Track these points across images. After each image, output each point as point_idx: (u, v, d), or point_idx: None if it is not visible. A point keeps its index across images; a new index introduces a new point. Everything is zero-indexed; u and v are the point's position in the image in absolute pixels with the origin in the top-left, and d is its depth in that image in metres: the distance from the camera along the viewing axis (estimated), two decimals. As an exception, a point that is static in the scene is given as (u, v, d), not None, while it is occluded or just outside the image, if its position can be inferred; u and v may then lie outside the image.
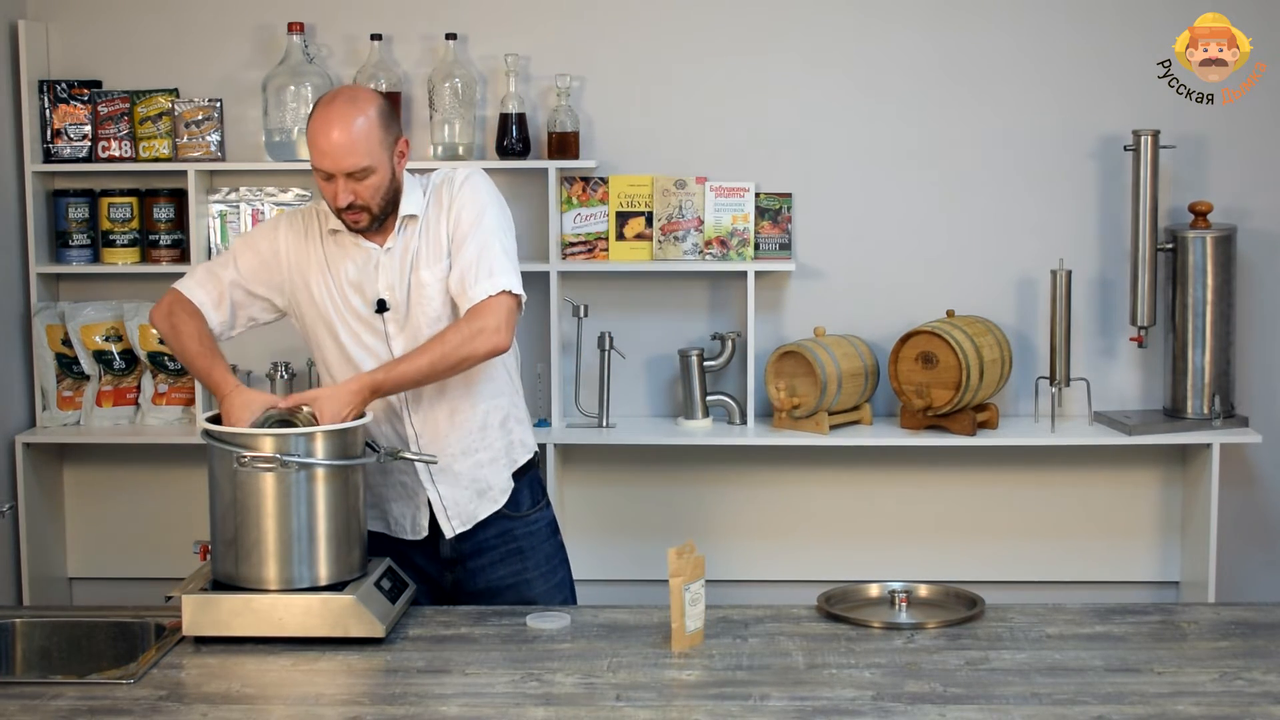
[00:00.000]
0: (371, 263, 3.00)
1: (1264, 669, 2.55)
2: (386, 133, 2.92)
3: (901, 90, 4.34)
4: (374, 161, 2.89)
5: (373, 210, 2.93)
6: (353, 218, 2.94)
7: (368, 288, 3.00)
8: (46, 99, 4.29)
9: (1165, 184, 4.26)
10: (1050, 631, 2.75)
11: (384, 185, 2.93)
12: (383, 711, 2.40)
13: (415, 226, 3.01)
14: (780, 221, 4.32)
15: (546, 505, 3.21)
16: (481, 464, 3.07)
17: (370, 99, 2.94)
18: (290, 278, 3.06)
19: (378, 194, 2.92)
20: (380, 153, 2.90)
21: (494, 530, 3.10)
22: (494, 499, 3.09)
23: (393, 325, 3.00)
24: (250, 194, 4.35)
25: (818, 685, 2.49)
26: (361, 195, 2.90)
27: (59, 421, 4.35)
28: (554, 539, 3.20)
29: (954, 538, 4.42)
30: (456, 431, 3.04)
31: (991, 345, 4.19)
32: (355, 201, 2.90)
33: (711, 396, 4.32)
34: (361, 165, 2.87)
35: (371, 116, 2.89)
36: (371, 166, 2.88)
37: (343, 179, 2.88)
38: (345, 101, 2.90)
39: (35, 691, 2.49)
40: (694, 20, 4.34)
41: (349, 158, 2.86)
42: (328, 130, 2.87)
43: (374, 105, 2.92)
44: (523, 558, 3.12)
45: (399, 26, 4.34)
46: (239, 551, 2.73)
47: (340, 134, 2.86)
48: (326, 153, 2.87)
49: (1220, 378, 4.21)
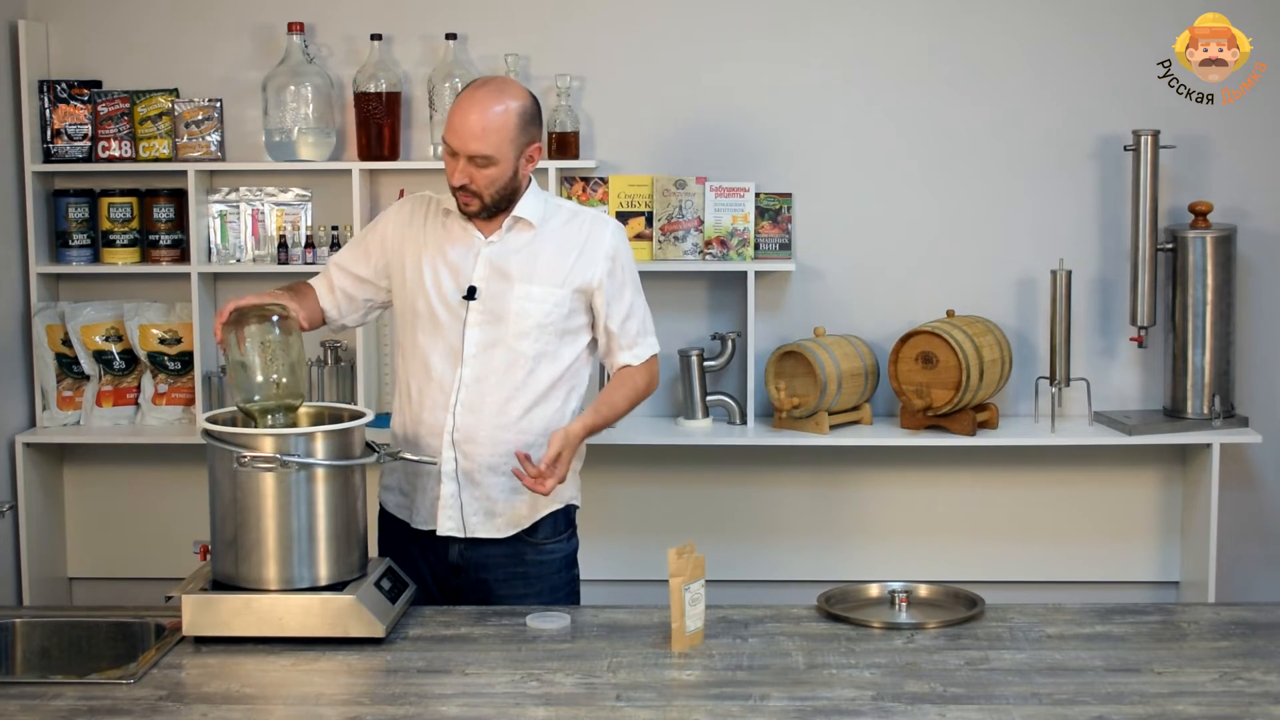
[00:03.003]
0: (473, 251, 3.04)
1: (1264, 669, 2.55)
2: (521, 132, 2.97)
3: (902, 90, 4.34)
4: (498, 154, 2.94)
5: (484, 199, 2.98)
6: (464, 199, 2.99)
7: (463, 273, 3.03)
8: (46, 99, 4.29)
9: (1165, 184, 4.26)
10: (1050, 631, 2.75)
11: (502, 180, 2.97)
12: (383, 711, 2.40)
13: (529, 234, 3.04)
14: (780, 221, 4.32)
15: (570, 538, 3.16)
16: (503, 489, 3.04)
17: (518, 94, 2.99)
18: (390, 260, 3.12)
19: (493, 185, 2.97)
20: (507, 149, 2.95)
21: (504, 549, 3.08)
22: (499, 527, 3.06)
23: (474, 315, 3.02)
24: (250, 194, 4.35)
25: (818, 685, 2.49)
26: (477, 181, 2.95)
27: (59, 421, 4.35)
28: (567, 572, 3.16)
29: (954, 538, 4.42)
30: (492, 446, 3.02)
31: (991, 345, 4.19)
32: (469, 185, 2.96)
33: (711, 396, 4.32)
34: (485, 153, 2.93)
35: (511, 110, 2.95)
36: (494, 158, 2.94)
37: (464, 160, 2.94)
38: (493, 89, 2.97)
39: (35, 691, 2.49)
40: (694, 20, 4.34)
41: (475, 142, 2.92)
42: (466, 110, 2.94)
43: (519, 101, 2.97)
44: (527, 583, 3.10)
45: (399, 26, 4.34)
46: (239, 551, 2.73)
47: (476, 117, 2.92)
48: (457, 130, 2.94)
49: (1220, 378, 4.21)
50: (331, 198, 4.35)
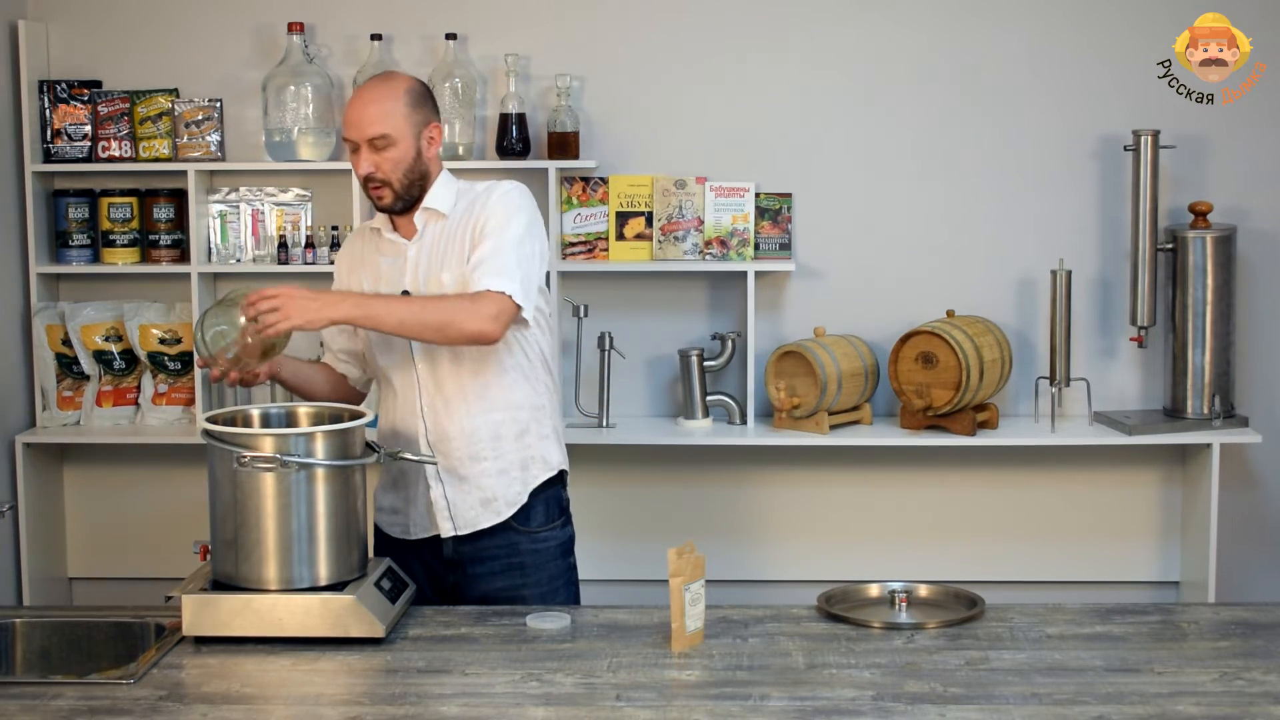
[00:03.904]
0: (402, 256, 3.05)
1: (1264, 669, 2.55)
2: (414, 109, 2.98)
3: (902, 90, 4.34)
4: (394, 132, 2.95)
5: (394, 186, 2.98)
6: (375, 192, 2.99)
7: (396, 282, 3.04)
8: (46, 99, 4.29)
9: (1165, 184, 4.26)
10: (1050, 631, 2.75)
11: (406, 161, 2.97)
12: (383, 711, 2.40)
13: (442, 225, 3.04)
14: (780, 221, 4.32)
15: (564, 525, 3.16)
16: (489, 473, 3.04)
17: (404, 79, 3.03)
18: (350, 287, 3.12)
19: (399, 168, 2.97)
20: (403, 126, 2.96)
21: (498, 540, 3.08)
22: (498, 511, 3.06)
23: None
24: (250, 194, 4.35)
25: (818, 685, 2.49)
26: (382, 168, 2.96)
27: (59, 421, 4.35)
28: (563, 560, 3.15)
29: (954, 538, 4.42)
30: (465, 436, 3.03)
31: (991, 345, 4.19)
32: (375, 173, 2.96)
33: (711, 396, 4.32)
34: (381, 132, 2.93)
35: (398, 91, 2.98)
36: (391, 136, 2.94)
37: (365, 147, 2.95)
38: (379, 78, 3.03)
39: (35, 691, 2.49)
40: (694, 20, 4.34)
41: (369, 126, 2.94)
42: (355, 101, 2.98)
43: (405, 83, 3.01)
44: (523, 573, 3.09)
45: (399, 26, 4.34)
46: (239, 551, 2.73)
47: (364, 103, 2.96)
48: (351, 121, 2.96)
49: (1220, 378, 4.21)
50: (331, 198, 4.35)
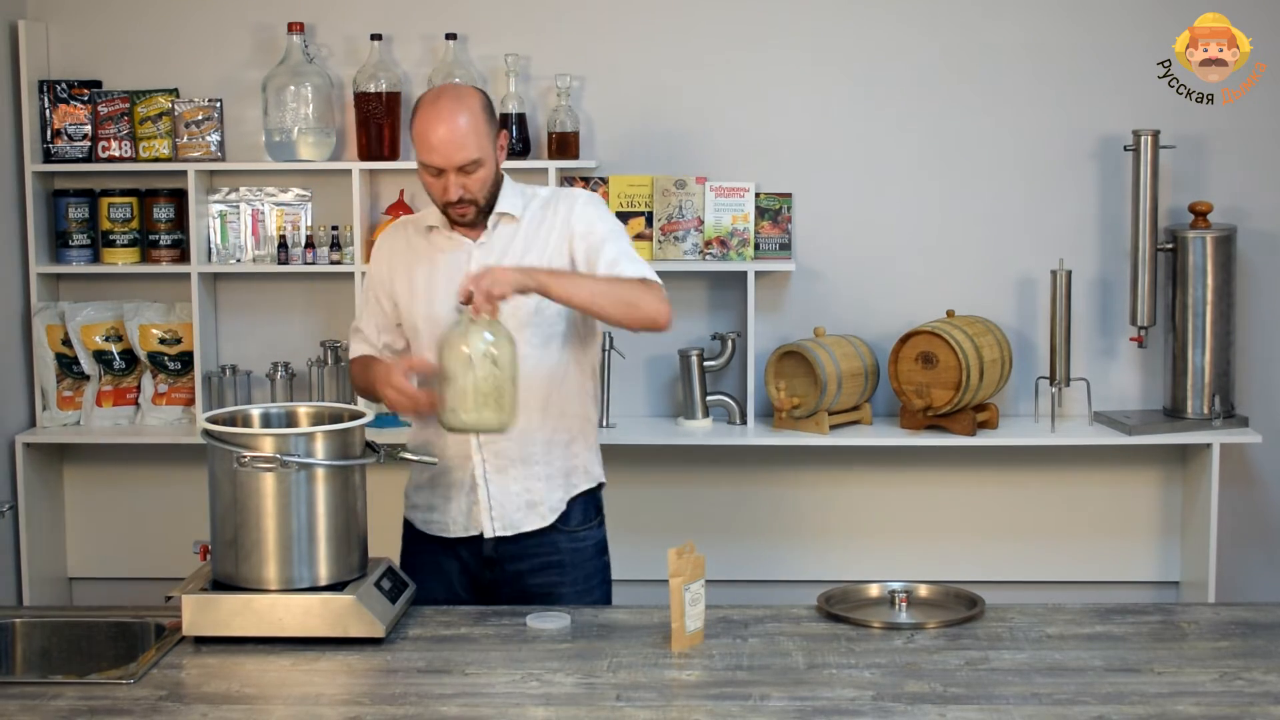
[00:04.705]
0: (464, 254, 3.05)
1: (1264, 669, 2.55)
2: (490, 124, 2.99)
3: (902, 90, 4.34)
4: (483, 154, 2.95)
5: (479, 203, 2.99)
6: (460, 211, 2.99)
7: (455, 279, 3.01)
8: (46, 99, 4.29)
9: (1165, 184, 4.27)
10: (1050, 631, 2.75)
11: (491, 177, 3.00)
12: (383, 711, 2.40)
13: (514, 227, 3.05)
14: (780, 221, 4.32)
15: (599, 525, 3.19)
16: (537, 477, 3.06)
17: (473, 93, 3.01)
18: (393, 288, 3.12)
19: (485, 186, 2.99)
20: (488, 145, 2.97)
21: (538, 539, 3.09)
22: (542, 515, 3.07)
23: None
24: (250, 194, 4.35)
25: (818, 685, 2.49)
26: (470, 188, 2.96)
27: (59, 421, 4.35)
28: (599, 559, 3.18)
29: (954, 538, 4.42)
30: (521, 439, 3.02)
31: (991, 345, 4.19)
32: (464, 195, 2.96)
33: (711, 396, 4.32)
34: (472, 158, 2.93)
35: (476, 108, 2.96)
36: (481, 159, 2.95)
37: (453, 174, 2.94)
38: (451, 98, 2.97)
39: (35, 691, 2.49)
40: (694, 20, 4.34)
41: (460, 152, 2.92)
42: (437, 126, 2.93)
43: (477, 99, 2.99)
44: (561, 571, 3.11)
45: (399, 26, 4.34)
46: (239, 551, 2.73)
47: (449, 129, 2.92)
48: (437, 148, 2.92)
49: (1220, 378, 4.21)
50: (331, 198, 4.35)
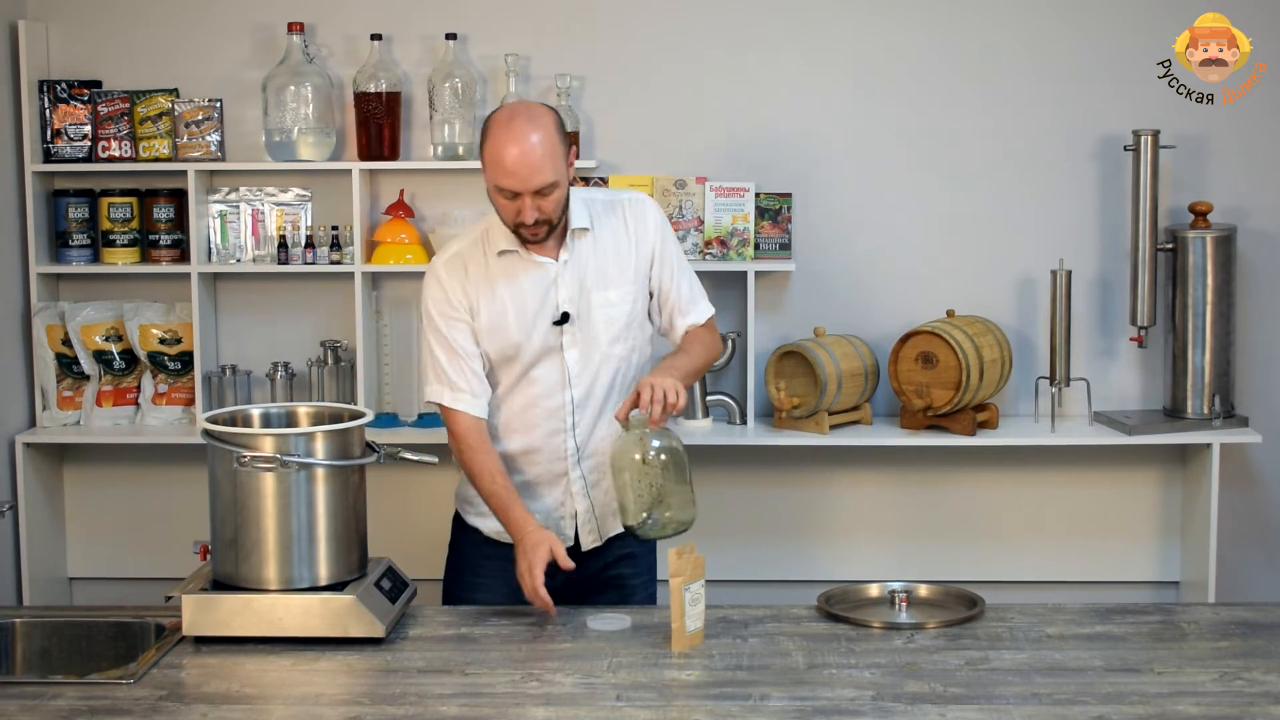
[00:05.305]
0: (549, 277, 3.03)
1: (1264, 669, 2.55)
2: (563, 145, 2.94)
3: (901, 90, 4.34)
4: (559, 176, 2.91)
5: (554, 222, 2.97)
6: (534, 232, 2.95)
7: (548, 301, 3.02)
8: (46, 99, 4.29)
9: (1165, 184, 4.26)
10: (1050, 631, 2.75)
11: (564, 197, 2.97)
12: (383, 711, 2.40)
13: (588, 239, 3.05)
14: (780, 221, 4.32)
15: None
16: None
17: (546, 112, 2.94)
18: (475, 327, 3.05)
19: (559, 207, 2.96)
20: (562, 166, 2.92)
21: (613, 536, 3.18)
22: None
23: (568, 337, 3.03)
24: (250, 194, 4.35)
25: (818, 685, 2.49)
26: (545, 209, 2.92)
27: (59, 421, 4.35)
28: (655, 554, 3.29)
29: (954, 538, 4.42)
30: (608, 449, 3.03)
31: (991, 345, 4.19)
32: (540, 217, 2.93)
33: (711, 396, 4.32)
34: (548, 181, 2.89)
35: (551, 131, 2.91)
36: (557, 181, 2.90)
37: (529, 197, 2.89)
38: (525, 119, 2.90)
39: (35, 691, 2.49)
40: (694, 20, 4.34)
41: (536, 176, 2.87)
42: (510, 148, 2.86)
43: (551, 119, 2.93)
44: (634, 563, 3.21)
45: (399, 26, 4.34)
46: (239, 551, 2.73)
47: (525, 153, 2.86)
48: (513, 172, 2.87)
49: (1220, 378, 4.21)
50: (331, 198, 4.35)
